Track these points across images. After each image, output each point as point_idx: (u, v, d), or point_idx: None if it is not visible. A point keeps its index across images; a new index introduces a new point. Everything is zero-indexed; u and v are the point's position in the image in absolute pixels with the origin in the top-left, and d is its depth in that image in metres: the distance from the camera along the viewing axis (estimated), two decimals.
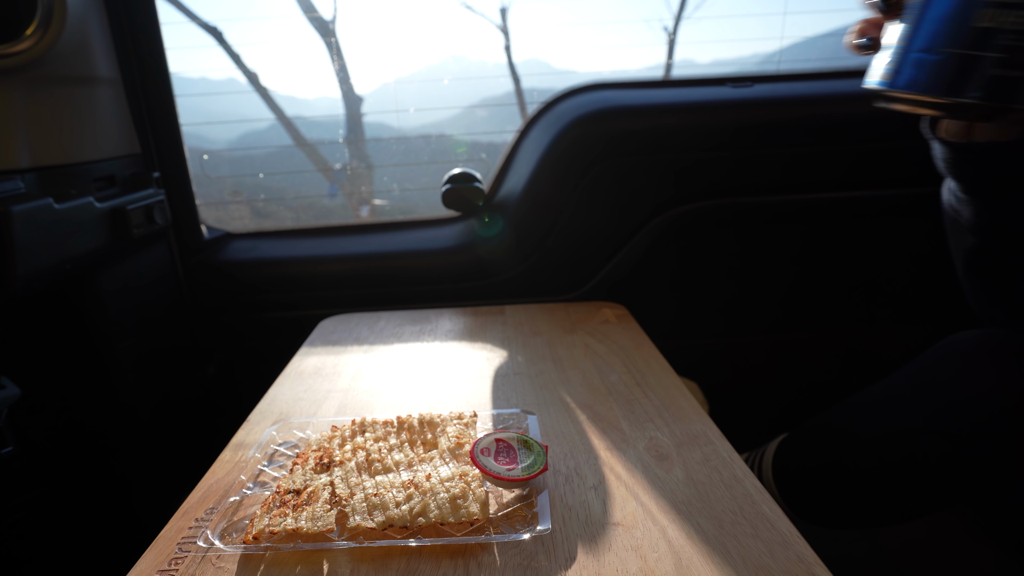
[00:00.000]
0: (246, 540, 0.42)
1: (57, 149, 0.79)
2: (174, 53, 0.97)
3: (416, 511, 0.43)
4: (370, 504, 0.44)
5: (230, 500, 0.47)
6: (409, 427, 0.55)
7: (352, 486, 0.47)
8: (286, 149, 1.21)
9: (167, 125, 0.98)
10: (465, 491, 0.44)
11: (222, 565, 0.42)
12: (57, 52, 0.76)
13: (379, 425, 0.55)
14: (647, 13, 1.17)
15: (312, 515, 0.43)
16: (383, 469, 0.49)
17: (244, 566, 0.42)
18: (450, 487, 0.45)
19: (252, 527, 0.43)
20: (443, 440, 0.52)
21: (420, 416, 0.56)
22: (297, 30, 1.12)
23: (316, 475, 0.49)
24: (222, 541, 0.43)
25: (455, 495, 0.44)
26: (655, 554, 0.41)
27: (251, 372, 1.03)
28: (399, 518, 0.43)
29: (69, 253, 0.75)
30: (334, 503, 0.45)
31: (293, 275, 1.05)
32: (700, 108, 1.02)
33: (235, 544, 0.43)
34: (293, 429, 0.57)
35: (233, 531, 0.44)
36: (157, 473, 0.96)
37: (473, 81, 1.20)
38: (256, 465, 0.51)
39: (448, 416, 0.56)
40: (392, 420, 0.56)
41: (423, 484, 0.46)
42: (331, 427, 0.57)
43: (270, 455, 0.54)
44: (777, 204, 1.04)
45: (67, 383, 0.88)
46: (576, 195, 0.98)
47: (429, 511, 0.43)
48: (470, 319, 0.90)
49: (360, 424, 0.56)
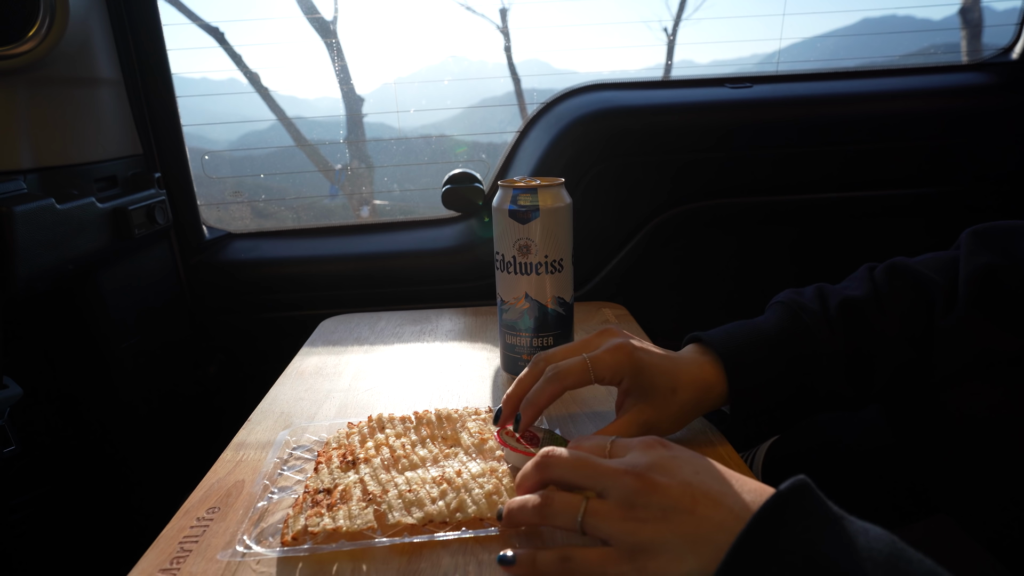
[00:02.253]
0: (284, 542, 0.42)
1: (59, 150, 0.80)
2: (175, 54, 0.98)
3: (454, 507, 0.43)
4: (406, 500, 0.44)
5: (258, 505, 0.47)
6: (428, 423, 0.55)
7: (383, 483, 0.46)
8: (287, 149, 1.21)
9: (168, 126, 0.99)
10: (498, 487, 0.45)
11: (263, 570, 0.41)
12: (59, 53, 0.76)
13: (397, 421, 0.56)
14: (647, 14, 1.17)
15: (349, 513, 0.43)
16: (410, 465, 0.49)
17: (283, 568, 0.41)
18: (483, 483, 0.46)
19: (288, 528, 0.42)
20: (465, 436, 0.53)
21: (437, 412, 0.57)
22: (298, 31, 1.12)
23: (343, 473, 0.49)
24: (259, 545, 0.42)
25: (489, 491, 0.44)
26: None
27: (252, 372, 1.03)
28: (438, 513, 0.43)
29: (71, 253, 0.76)
30: (368, 500, 0.45)
31: (294, 275, 1.06)
32: (700, 108, 1.02)
33: (273, 547, 0.42)
34: (307, 433, 0.57)
35: (268, 535, 0.44)
36: (158, 472, 0.96)
37: (473, 81, 1.21)
38: (276, 470, 0.51)
39: (465, 411, 0.57)
40: (410, 416, 0.56)
41: (455, 480, 0.46)
42: (347, 424, 0.57)
43: (285, 459, 0.53)
44: (776, 204, 1.04)
45: (69, 383, 0.89)
46: (576, 195, 0.99)
47: (467, 507, 0.43)
48: (470, 319, 0.90)
49: (378, 420, 0.56)
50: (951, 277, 0.49)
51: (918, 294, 0.49)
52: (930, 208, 1.06)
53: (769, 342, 0.49)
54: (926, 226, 1.08)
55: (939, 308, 0.47)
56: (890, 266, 0.52)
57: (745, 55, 1.21)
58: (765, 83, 1.07)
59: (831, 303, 0.50)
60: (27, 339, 0.83)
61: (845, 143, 1.02)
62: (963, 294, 0.46)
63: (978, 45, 1.18)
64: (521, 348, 0.66)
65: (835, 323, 0.49)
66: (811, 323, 0.49)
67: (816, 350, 0.48)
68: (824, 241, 1.08)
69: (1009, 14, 1.11)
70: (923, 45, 1.21)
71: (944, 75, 1.09)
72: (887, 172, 1.04)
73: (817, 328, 0.49)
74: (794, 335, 0.49)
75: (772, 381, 0.48)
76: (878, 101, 1.04)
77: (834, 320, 0.49)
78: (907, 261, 0.52)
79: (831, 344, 0.48)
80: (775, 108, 1.03)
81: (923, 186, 1.05)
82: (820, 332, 0.48)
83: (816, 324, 0.49)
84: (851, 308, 0.49)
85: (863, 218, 1.07)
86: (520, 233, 0.62)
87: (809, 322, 0.49)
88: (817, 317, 0.49)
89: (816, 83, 1.07)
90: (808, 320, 0.49)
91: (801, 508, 0.30)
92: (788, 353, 0.48)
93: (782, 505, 0.30)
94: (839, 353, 0.48)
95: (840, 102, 1.04)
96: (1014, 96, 1.04)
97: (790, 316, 0.50)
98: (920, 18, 1.21)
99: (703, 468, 0.35)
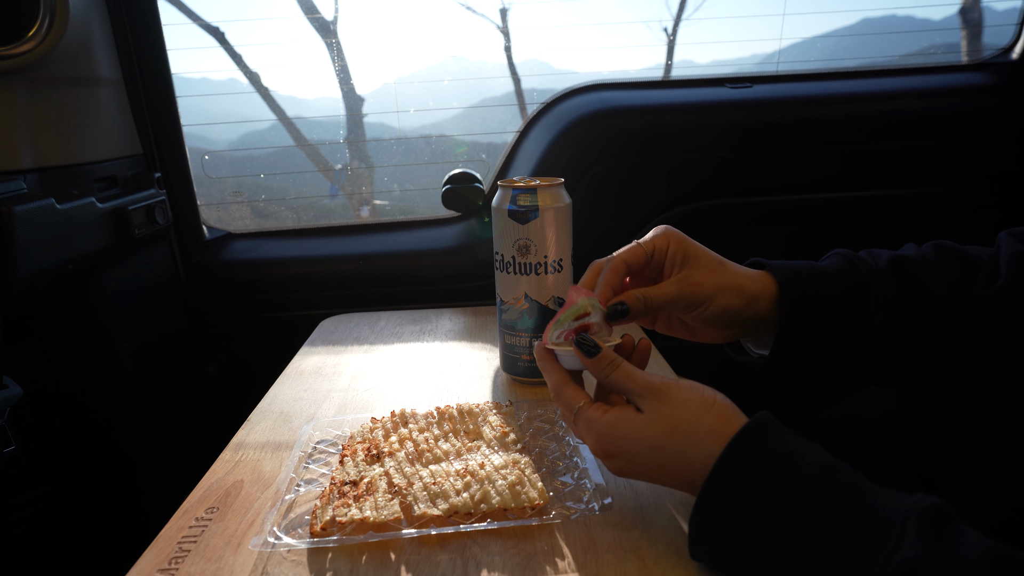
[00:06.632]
0: (313, 532, 0.43)
1: (59, 150, 0.80)
2: (175, 54, 0.98)
3: (478, 498, 0.44)
4: (431, 493, 0.45)
5: (286, 497, 0.47)
6: (450, 417, 0.56)
7: (408, 475, 0.48)
8: (287, 149, 1.21)
9: (168, 126, 0.99)
10: (521, 478, 0.46)
11: (295, 559, 0.42)
12: (59, 53, 0.76)
13: (420, 416, 0.57)
14: (647, 14, 1.17)
15: (375, 504, 0.44)
16: (433, 459, 0.50)
17: (314, 558, 0.42)
18: (506, 474, 0.46)
19: (316, 519, 0.44)
20: (487, 430, 0.54)
21: (459, 407, 0.58)
22: (298, 31, 1.12)
23: (368, 466, 0.50)
24: (288, 536, 0.43)
25: (512, 482, 0.45)
26: (654, 553, 0.42)
27: (251, 372, 1.03)
28: (463, 505, 0.44)
29: (71, 253, 0.76)
30: (394, 492, 0.46)
31: (294, 275, 1.06)
32: (699, 108, 1.02)
33: (302, 538, 0.43)
34: (328, 427, 0.58)
35: (296, 526, 0.45)
36: (158, 472, 0.97)
37: (473, 81, 1.21)
38: (301, 463, 0.52)
39: (486, 406, 0.58)
40: (432, 412, 0.57)
41: (479, 472, 0.47)
42: (371, 419, 0.58)
43: (309, 453, 0.54)
44: (777, 204, 1.05)
45: (69, 383, 0.89)
46: (576, 195, 0.99)
47: (491, 498, 0.44)
48: (470, 319, 0.90)
49: (401, 415, 0.57)
50: (993, 256, 0.50)
51: (962, 264, 0.50)
52: (930, 208, 1.06)
53: (824, 275, 0.49)
54: (926, 226, 1.08)
55: (981, 279, 0.49)
56: (935, 243, 0.53)
57: (745, 55, 1.21)
58: (765, 83, 1.07)
59: (882, 259, 0.51)
60: (27, 339, 0.83)
61: (845, 143, 1.02)
62: (1004, 271, 0.48)
63: (978, 45, 1.17)
64: (520, 348, 0.66)
65: (887, 275, 0.50)
66: (865, 271, 0.49)
67: (869, 292, 0.49)
68: (825, 241, 1.07)
69: (1009, 14, 1.11)
70: (923, 45, 1.21)
71: (944, 75, 1.09)
72: (887, 172, 1.04)
73: (870, 275, 0.49)
74: (849, 276, 0.49)
75: (822, 311, 0.48)
76: (878, 101, 1.04)
77: (885, 272, 0.50)
78: (951, 242, 0.53)
79: (883, 290, 0.49)
80: (775, 108, 1.03)
81: (923, 186, 1.05)
82: (873, 280, 0.49)
83: (869, 272, 0.49)
84: (902, 264, 0.50)
85: (863, 218, 1.07)
86: (520, 233, 0.62)
87: (863, 270, 0.50)
88: (870, 267, 0.50)
89: (816, 83, 1.07)
90: (862, 268, 0.50)
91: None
92: (842, 286, 0.49)
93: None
94: (889, 301, 0.48)
95: (840, 102, 1.04)
96: (1014, 96, 1.04)
97: (846, 262, 0.51)
98: (920, 18, 1.20)
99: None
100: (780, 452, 0.36)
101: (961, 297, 0.48)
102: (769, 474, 0.36)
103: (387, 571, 0.41)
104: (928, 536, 0.31)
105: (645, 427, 0.40)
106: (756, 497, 0.35)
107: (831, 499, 0.34)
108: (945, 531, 0.31)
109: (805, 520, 0.34)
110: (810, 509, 0.34)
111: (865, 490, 0.34)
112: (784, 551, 0.34)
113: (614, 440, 0.41)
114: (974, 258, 0.50)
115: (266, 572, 0.41)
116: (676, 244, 0.48)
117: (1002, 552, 0.30)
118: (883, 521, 0.32)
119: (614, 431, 0.41)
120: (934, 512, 0.32)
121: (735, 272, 0.49)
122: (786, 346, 0.49)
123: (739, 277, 0.48)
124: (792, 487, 0.35)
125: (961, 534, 0.31)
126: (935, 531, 0.31)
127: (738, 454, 0.37)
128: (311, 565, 0.42)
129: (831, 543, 0.33)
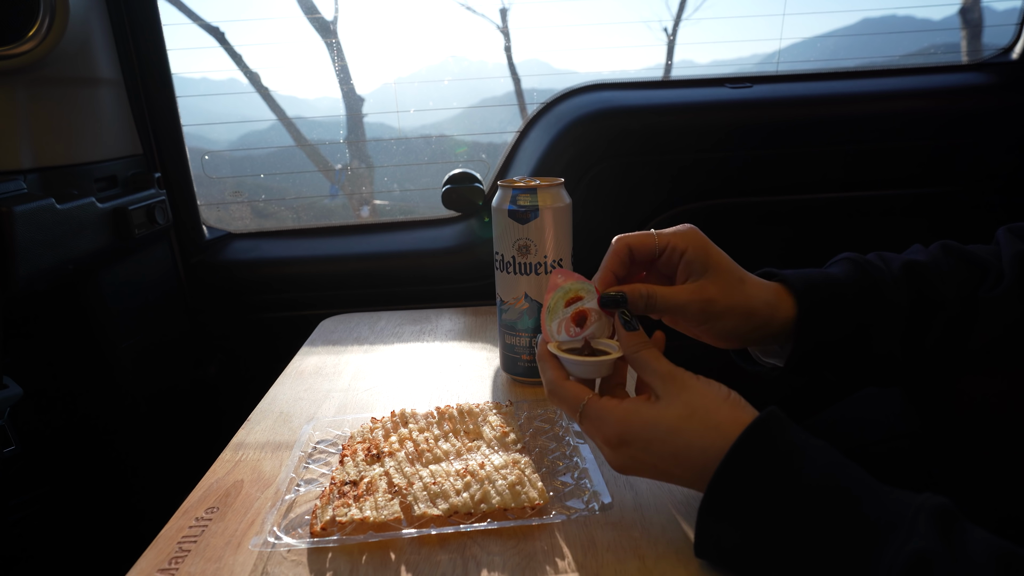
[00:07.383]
0: (313, 532, 0.43)
1: (59, 150, 0.80)
2: (175, 54, 0.98)
3: (478, 498, 0.44)
4: (431, 492, 0.45)
5: (286, 497, 0.47)
6: (450, 417, 0.56)
7: (408, 475, 0.48)
8: (287, 149, 1.21)
9: (168, 126, 0.99)
10: (521, 478, 0.46)
11: (295, 558, 0.42)
12: (59, 53, 0.76)
13: (420, 416, 0.57)
14: (647, 14, 1.17)
15: (375, 504, 0.44)
16: (434, 459, 0.50)
17: (314, 558, 0.42)
18: (506, 474, 0.46)
19: (316, 519, 0.44)
20: (487, 430, 0.54)
21: (459, 406, 0.58)
22: (298, 31, 1.12)
23: (368, 466, 0.50)
24: (288, 536, 0.43)
25: (512, 482, 0.45)
26: (654, 553, 0.42)
27: (251, 372, 1.03)
28: (463, 505, 0.44)
29: (71, 253, 0.76)
30: (394, 492, 0.46)
31: (294, 275, 1.06)
32: (699, 108, 1.02)
33: (302, 538, 0.43)
34: (328, 427, 0.58)
35: (297, 526, 0.45)
36: (158, 472, 0.97)
37: (473, 81, 1.21)
38: (301, 463, 0.52)
39: (486, 406, 0.58)
40: (432, 412, 0.57)
41: (479, 472, 0.47)
42: (371, 419, 0.58)
43: (309, 453, 0.54)
44: (777, 204, 1.04)
45: (69, 382, 0.89)
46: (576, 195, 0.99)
47: (491, 498, 0.44)
48: (470, 319, 0.90)
49: (401, 415, 0.57)
50: (997, 256, 0.51)
51: (969, 266, 0.51)
52: (930, 208, 1.06)
53: (838, 283, 0.49)
54: (926, 226, 1.08)
55: (988, 281, 0.49)
56: (942, 244, 0.53)
57: (745, 55, 1.21)
58: (765, 83, 1.07)
59: (894, 265, 0.51)
60: (27, 339, 0.83)
61: (845, 143, 1.02)
62: (1008, 273, 0.48)
63: (978, 45, 1.17)
64: (520, 348, 0.66)
65: (899, 280, 0.50)
66: (878, 277, 0.49)
67: (882, 297, 0.49)
68: (825, 241, 1.08)
69: (1009, 14, 1.11)
70: (923, 45, 1.21)
71: (944, 75, 1.09)
72: (887, 172, 1.04)
73: (883, 281, 0.49)
74: (862, 283, 0.49)
75: (840, 325, 0.48)
76: (878, 101, 1.04)
77: (898, 278, 0.50)
78: (956, 243, 0.53)
79: (897, 297, 0.49)
80: (775, 108, 1.03)
81: (923, 186, 1.05)
82: (886, 285, 0.49)
83: (882, 278, 0.49)
84: (913, 269, 0.50)
85: (864, 218, 1.07)
86: (519, 233, 0.62)
87: (876, 276, 0.49)
88: (883, 272, 0.50)
89: (816, 83, 1.07)
90: (875, 274, 0.50)
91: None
92: (855, 290, 0.49)
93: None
94: (903, 308, 0.48)
95: (840, 102, 1.04)
96: (1014, 96, 1.04)
97: (857, 268, 0.50)
98: (920, 18, 1.20)
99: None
100: (794, 444, 0.37)
101: (968, 300, 0.49)
102: (783, 464, 0.36)
103: (387, 571, 0.41)
104: (938, 530, 0.31)
105: (664, 411, 0.40)
106: (769, 486, 0.36)
107: (842, 492, 0.34)
108: (952, 528, 0.32)
109: (817, 511, 0.34)
110: (822, 500, 0.34)
111: (875, 486, 0.35)
112: (795, 541, 0.34)
113: (631, 426, 0.41)
114: (980, 259, 0.51)
115: (266, 572, 0.41)
116: (695, 250, 0.47)
117: (1008, 549, 0.30)
118: (893, 515, 0.33)
119: (632, 416, 0.41)
120: (942, 510, 0.32)
121: (751, 294, 0.47)
122: (799, 360, 0.49)
123: (753, 299, 0.47)
124: (804, 478, 0.35)
125: (968, 531, 0.32)
126: (944, 526, 0.32)
127: (754, 442, 0.37)
128: (311, 565, 0.42)
129: (842, 533, 0.33)
